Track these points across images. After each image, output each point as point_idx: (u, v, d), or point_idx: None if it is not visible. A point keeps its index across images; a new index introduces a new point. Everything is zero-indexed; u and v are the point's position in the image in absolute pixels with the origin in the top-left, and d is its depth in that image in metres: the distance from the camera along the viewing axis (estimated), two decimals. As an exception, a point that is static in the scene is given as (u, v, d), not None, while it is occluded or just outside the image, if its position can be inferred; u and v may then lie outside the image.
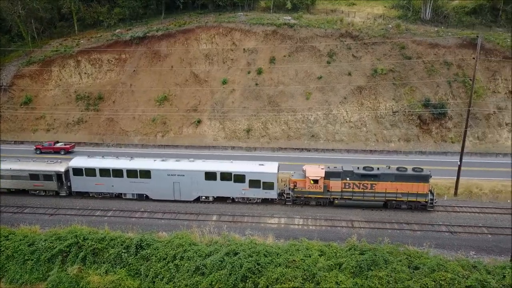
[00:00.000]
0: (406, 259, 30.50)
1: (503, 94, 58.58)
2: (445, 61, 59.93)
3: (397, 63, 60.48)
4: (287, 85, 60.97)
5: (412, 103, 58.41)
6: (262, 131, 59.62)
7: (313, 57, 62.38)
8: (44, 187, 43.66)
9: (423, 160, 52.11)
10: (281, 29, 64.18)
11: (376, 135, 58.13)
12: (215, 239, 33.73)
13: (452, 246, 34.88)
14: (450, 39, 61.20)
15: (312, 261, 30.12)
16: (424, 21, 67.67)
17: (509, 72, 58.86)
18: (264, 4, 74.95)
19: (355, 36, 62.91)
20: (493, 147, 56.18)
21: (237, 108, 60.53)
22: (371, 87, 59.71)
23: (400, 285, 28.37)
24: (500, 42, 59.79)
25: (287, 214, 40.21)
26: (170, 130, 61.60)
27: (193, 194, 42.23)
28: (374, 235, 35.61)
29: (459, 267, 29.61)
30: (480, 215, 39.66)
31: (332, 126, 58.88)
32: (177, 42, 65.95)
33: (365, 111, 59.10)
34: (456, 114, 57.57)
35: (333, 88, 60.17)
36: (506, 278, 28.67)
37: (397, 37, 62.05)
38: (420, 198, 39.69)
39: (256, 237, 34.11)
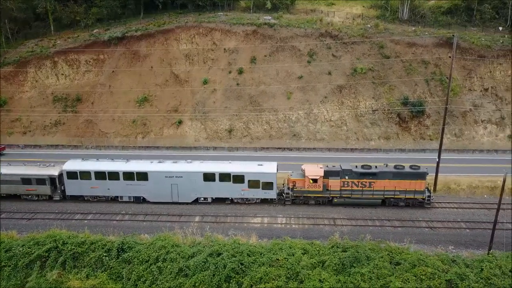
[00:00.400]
0: (388, 255, 30.95)
1: (478, 92, 60.02)
2: (423, 60, 61.06)
3: (376, 62, 61.30)
4: (268, 84, 61.09)
5: (391, 101, 59.29)
6: (244, 131, 59.58)
7: (293, 56, 62.66)
8: (37, 192, 42.45)
9: (403, 158, 52.92)
10: (262, 29, 64.25)
11: (356, 133, 58.78)
12: (198, 240, 33.54)
13: (432, 241, 35.57)
14: (427, 39, 62.38)
15: (295, 260, 30.25)
16: (401, 21, 68.78)
17: (484, 70, 60.35)
18: (244, 4, 74.90)
19: (335, 35, 63.48)
20: (469, 144, 57.53)
21: (218, 108, 60.32)
22: (351, 86, 60.35)
23: (382, 281, 28.76)
24: (475, 41, 61.23)
25: (270, 213, 40.28)
26: (151, 131, 60.93)
27: (191, 195, 41.70)
28: (356, 232, 36.03)
29: (439, 262, 30.21)
30: (458, 210, 40.58)
31: (313, 125, 59.26)
32: (157, 42, 65.28)
33: (346, 110, 59.70)
34: (434, 112, 58.71)
35: (313, 88, 60.57)
36: (484, 271, 29.39)
37: (376, 37, 62.88)
38: (417, 195, 40.30)
39: (239, 237, 34.06)
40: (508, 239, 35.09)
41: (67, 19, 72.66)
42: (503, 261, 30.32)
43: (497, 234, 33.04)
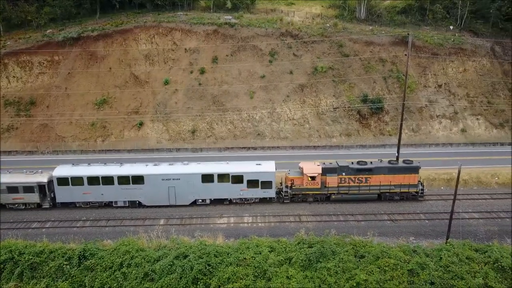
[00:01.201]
0: (352, 248, 31.63)
1: (433, 88, 62.59)
2: (380, 58, 62.93)
3: (336, 61, 62.55)
4: (230, 84, 60.91)
5: (351, 99, 60.68)
6: (208, 131, 59.10)
7: (255, 56, 62.82)
8: (25, 200, 40.45)
9: (364, 154, 54.29)
10: (222, 28, 63.98)
11: (318, 131, 59.73)
12: (163, 243, 32.92)
13: (393, 233, 36.73)
14: (383, 37, 64.36)
15: (262, 258, 30.31)
16: (359, 20, 70.58)
17: (437, 68, 63.01)
18: (204, 3, 74.30)
19: (295, 35, 64.21)
20: (426, 138, 59.88)
21: (180, 109, 59.51)
22: (312, 84, 61.26)
23: (347, 274, 29.35)
24: (428, 40, 63.83)
25: (236, 213, 40.19)
26: (111, 134, 59.19)
27: (189, 198, 41.00)
28: (321, 228, 36.59)
29: (401, 253, 31.21)
30: (417, 202, 42.08)
31: (276, 124, 59.67)
32: (115, 43, 63.51)
33: (307, 108, 60.53)
34: (392, 108, 60.65)
35: (276, 87, 60.99)
36: (443, 260, 30.63)
37: (335, 36, 64.16)
38: (411, 188, 41.54)
39: (205, 238, 33.78)
40: (464, 228, 36.80)
41: (17, 19, 69.21)
42: (460, 249, 31.73)
43: (454, 223, 34.56)
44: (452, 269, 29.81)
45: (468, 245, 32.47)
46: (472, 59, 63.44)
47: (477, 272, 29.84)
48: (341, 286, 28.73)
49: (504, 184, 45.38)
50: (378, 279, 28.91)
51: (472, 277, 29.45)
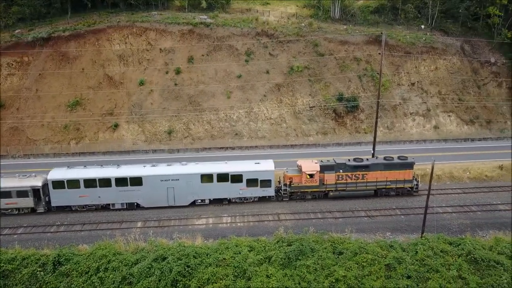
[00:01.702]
0: (331, 245, 31.99)
1: (406, 86, 63.91)
2: (355, 57, 63.81)
3: (312, 60, 63.05)
4: (207, 84, 60.55)
5: (327, 98, 61.31)
6: (185, 132, 58.57)
7: (231, 56, 62.65)
8: (18, 205, 39.34)
9: (340, 152, 54.92)
10: (198, 28, 63.51)
11: (295, 130, 60.08)
12: (141, 246, 32.47)
13: (370, 229, 37.32)
14: (358, 36, 65.30)
15: (242, 258, 30.28)
16: (334, 20, 71.35)
17: (410, 66, 64.39)
18: (178, 3, 73.56)
19: (271, 34, 64.37)
20: (400, 135, 61.09)
21: (156, 110, 58.75)
22: (288, 84, 61.56)
23: (326, 271, 29.63)
24: (401, 39, 65.13)
25: (215, 213, 39.99)
26: (85, 137, 57.89)
27: (188, 198, 40.76)
28: (300, 226, 36.83)
29: (378, 248, 31.76)
30: (393, 198, 42.88)
31: (254, 123, 59.69)
32: (87, 43, 62.12)
33: (284, 107, 60.80)
34: (367, 107, 61.60)
35: (252, 86, 61.01)
36: (419, 253, 31.35)
37: (310, 35, 64.67)
38: (407, 184, 42.45)
39: (184, 240, 33.50)
40: (438, 222, 37.75)
41: (-17, 19, 66.86)
42: (435, 243, 32.55)
43: (428, 218, 35.40)
44: (427, 263, 30.53)
45: (442, 239, 33.35)
46: (443, 58, 65.12)
47: (451, 265, 30.69)
48: (321, 283, 28.99)
49: (475, 178, 46.79)
50: (356, 274, 29.32)
51: (447, 270, 30.25)
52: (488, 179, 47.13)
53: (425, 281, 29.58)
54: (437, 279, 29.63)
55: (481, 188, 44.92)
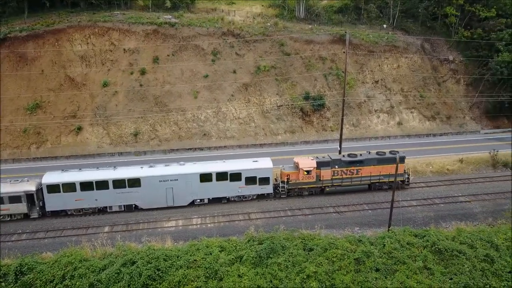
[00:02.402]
0: (301, 242, 32.25)
1: (370, 84, 65.46)
2: (320, 56, 64.76)
3: (278, 60, 63.46)
4: (173, 84, 59.74)
5: (294, 97, 61.88)
6: (151, 134, 57.54)
7: (197, 56, 62.09)
8: (11, 211, 37.85)
9: (308, 149, 55.59)
10: (163, 28, 62.53)
11: (264, 129, 60.30)
12: (109, 251, 31.59)
13: (339, 225, 37.94)
14: (322, 36, 66.27)
15: (213, 258, 30.04)
16: (299, 19, 72.11)
17: (373, 64, 65.99)
18: (142, 2, 72.17)
19: (237, 34, 64.29)
20: (366, 132, 62.53)
21: (121, 111, 57.40)
22: (255, 83, 61.69)
23: (298, 268, 29.85)
24: (364, 38, 66.65)
25: (184, 215, 39.52)
26: (47, 141, 55.80)
27: (187, 198, 40.45)
28: (270, 224, 36.97)
29: (347, 243, 32.31)
30: (361, 194, 43.75)
31: (222, 123, 59.42)
32: (47, 44, 59.88)
33: (252, 107, 60.89)
34: (333, 105, 62.64)
35: (220, 86, 60.72)
36: (386, 247, 32.11)
37: (276, 35, 65.08)
38: (399, 178, 42.98)
39: (153, 243, 32.84)
40: (403, 215, 38.86)
41: None
42: (401, 235, 33.47)
43: (395, 212, 36.37)
44: (394, 255, 31.33)
45: (408, 231, 34.33)
46: (404, 56, 67.17)
47: (417, 256, 31.63)
48: (292, 280, 29.17)
49: (437, 172, 48.49)
50: (327, 270, 29.70)
51: (413, 261, 31.16)
52: (449, 172, 48.98)
53: (393, 273, 30.35)
54: (404, 270, 30.46)
55: (443, 181, 46.62)
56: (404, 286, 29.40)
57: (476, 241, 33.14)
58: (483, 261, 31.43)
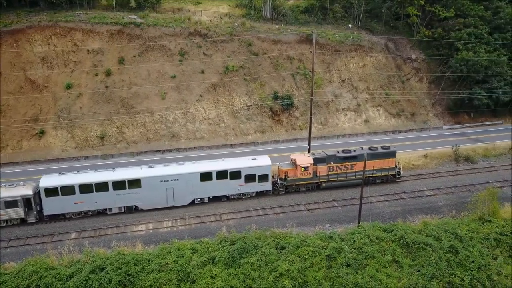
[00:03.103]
0: (273, 241, 32.39)
1: (337, 83, 66.57)
2: (288, 56, 65.27)
3: (246, 60, 63.48)
4: (140, 85, 58.61)
5: (263, 96, 62.09)
6: (118, 136, 56.23)
7: (164, 56, 61.19)
8: (7, 217, 36.71)
9: (278, 148, 55.94)
10: (128, 28, 61.23)
11: (234, 129, 60.16)
12: (76, 259, 30.62)
13: (310, 222, 38.37)
14: (290, 36, 66.82)
15: (185, 261, 29.69)
16: (266, 19, 72.41)
17: (340, 64, 67.15)
18: (105, 2, 70.36)
19: (204, 34, 63.82)
20: (334, 130, 63.53)
21: (86, 114, 55.78)
22: (224, 83, 61.46)
23: (270, 267, 29.94)
24: (330, 38, 67.71)
25: (154, 218, 38.86)
26: (7, 146, 53.47)
27: (187, 197, 40.47)
28: (242, 224, 36.92)
29: (319, 240, 32.70)
30: (331, 191, 44.39)
31: (191, 124, 58.84)
32: (4, 45, 57.33)
33: (222, 107, 60.62)
34: (301, 104, 63.28)
35: (188, 87, 60.09)
36: (356, 242, 32.73)
37: (243, 35, 65.06)
38: (391, 172, 45.41)
39: (123, 248, 32.06)
40: (372, 211, 39.73)
41: None
42: (370, 231, 34.19)
43: (364, 207, 37.10)
44: (364, 250, 31.97)
45: (377, 226, 35.13)
46: (369, 55, 68.73)
47: (386, 250, 32.43)
48: (265, 279, 29.23)
49: (403, 167, 49.74)
50: (299, 267, 29.95)
51: (382, 255, 31.92)
52: (415, 167, 50.52)
53: (363, 267, 30.97)
54: (374, 264, 31.15)
55: (409, 176, 47.99)
56: (374, 280, 30.06)
57: (441, 233, 34.33)
58: (448, 252, 32.59)
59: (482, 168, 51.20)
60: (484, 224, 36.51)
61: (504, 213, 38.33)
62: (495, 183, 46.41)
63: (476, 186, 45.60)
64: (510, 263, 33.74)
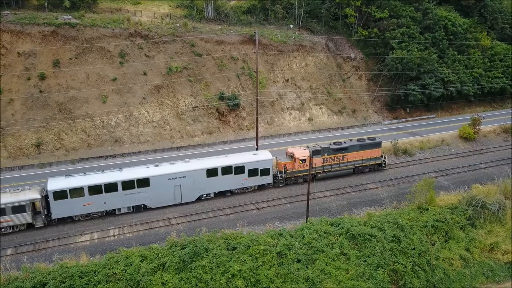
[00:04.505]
0: (224, 242, 32.27)
1: (281, 83, 67.66)
2: (232, 57, 65.29)
3: (190, 60, 62.66)
4: (78, 89, 55.88)
5: (209, 97, 61.64)
6: (56, 143, 53.25)
7: (103, 58, 58.80)
8: (14, 222, 35.60)
9: (226, 149, 55.67)
10: (62, 29, 58.09)
11: (180, 131, 59.18)
12: (14, 276, 28.61)
13: (260, 221, 38.69)
14: (233, 36, 66.88)
15: (134, 269, 28.77)
16: (208, 20, 71.95)
17: (283, 64, 68.31)
18: (36, 1, 66.35)
19: (145, 35, 62.16)
20: (280, 129, 64.50)
21: (20, 121, 52.24)
22: (168, 85, 60.25)
23: (222, 268, 29.80)
24: (273, 38, 68.64)
25: (100, 227, 37.28)
26: None
27: (195, 194, 41.55)
28: (192, 227, 36.46)
29: (269, 238, 33.04)
30: (279, 189, 45.03)
31: (135, 128, 57.07)
32: None
33: (166, 109, 59.39)
34: (247, 104, 63.60)
35: (130, 89, 58.22)
36: (305, 238, 33.46)
37: (186, 36, 64.15)
38: (377, 161, 49.19)
39: (66, 261, 30.43)
40: (320, 206, 40.81)
41: None
42: (318, 226, 35.12)
43: (311, 203, 38.04)
44: (313, 245, 32.77)
45: (324, 221, 36.15)
46: (311, 55, 70.55)
47: (334, 244, 33.46)
48: (217, 281, 29.06)
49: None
50: (251, 267, 30.07)
51: (331, 249, 32.90)
52: (357, 162, 52.50)
53: (313, 262, 31.73)
54: (323, 258, 32.02)
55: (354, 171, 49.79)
56: (324, 274, 30.89)
57: (385, 224, 36.02)
58: (392, 242, 34.25)
59: (418, 160, 54.39)
60: (422, 212, 38.80)
61: (440, 201, 40.99)
62: (430, 174, 49.53)
63: (414, 177, 48.37)
64: (446, 247, 36.15)
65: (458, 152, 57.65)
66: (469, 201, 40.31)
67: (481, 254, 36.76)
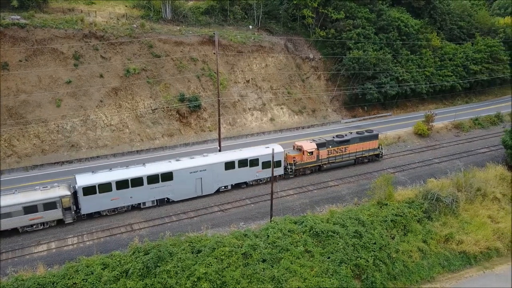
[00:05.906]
0: (189, 246, 31.92)
1: (242, 84, 67.73)
2: (191, 58, 64.62)
3: (148, 62, 61.41)
4: (30, 93, 53.33)
5: (169, 99, 60.66)
6: (7, 150, 50.54)
7: (56, 60, 56.44)
8: (44, 219, 36.24)
9: (188, 151, 55.10)
10: (10, 30, 55.23)
11: (140, 134, 57.87)
12: (-37, 292, 26.90)
13: (225, 222, 38.55)
14: (192, 37, 66.20)
15: (95, 278, 27.88)
16: (166, 21, 70.75)
17: (243, 64, 68.41)
18: (-19, 1, 62.70)
19: (100, 36, 60.28)
20: (242, 130, 64.54)
21: (-34, 127, 49.24)
22: (126, 87, 58.75)
23: (187, 272, 29.44)
24: (232, 39, 68.59)
25: (57, 236, 35.77)
26: None
27: (214, 186, 43.41)
28: (155, 232, 35.75)
29: (234, 239, 33.01)
30: (243, 189, 45.04)
31: (92, 132, 55.21)
32: None
33: (125, 112, 57.90)
34: (209, 105, 63.17)
35: (86, 92, 56.27)
36: (270, 237, 33.70)
37: (143, 37, 62.79)
38: (375, 152, 53.01)
39: (22, 273, 28.99)
40: (283, 205, 41.21)
41: None
42: (282, 224, 35.48)
43: (275, 202, 38.33)
44: (278, 244, 33.06)
45: (288, 220, 36.56)
46: (271, 55, 71.10)
47: (298, 242, 33.90)
48: (183, 285, 28.69)
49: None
50: (216, 269, 29.92)
51: (295, 247, 33.30)
52: (319, 160, 53.51)
53: (278, 261, 32.00)
54: (288, 257, 32.36)
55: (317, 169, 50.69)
56: (289, 272, 31.22)
57: (346, 220, 36.93)
58: (354, 237, 35.16)
59: (376, 156, 56.08)
60: (382, 208, 40.11)
61: (398, 196, 42.54)
62: (388, 170, 51.26)
63: (373, 174, 49.90)
64: (405, 240, 37.55)
65: (414, 148, 60.05)
66: (425, 195, 42.11)
67: (437, 245, 38.47)
